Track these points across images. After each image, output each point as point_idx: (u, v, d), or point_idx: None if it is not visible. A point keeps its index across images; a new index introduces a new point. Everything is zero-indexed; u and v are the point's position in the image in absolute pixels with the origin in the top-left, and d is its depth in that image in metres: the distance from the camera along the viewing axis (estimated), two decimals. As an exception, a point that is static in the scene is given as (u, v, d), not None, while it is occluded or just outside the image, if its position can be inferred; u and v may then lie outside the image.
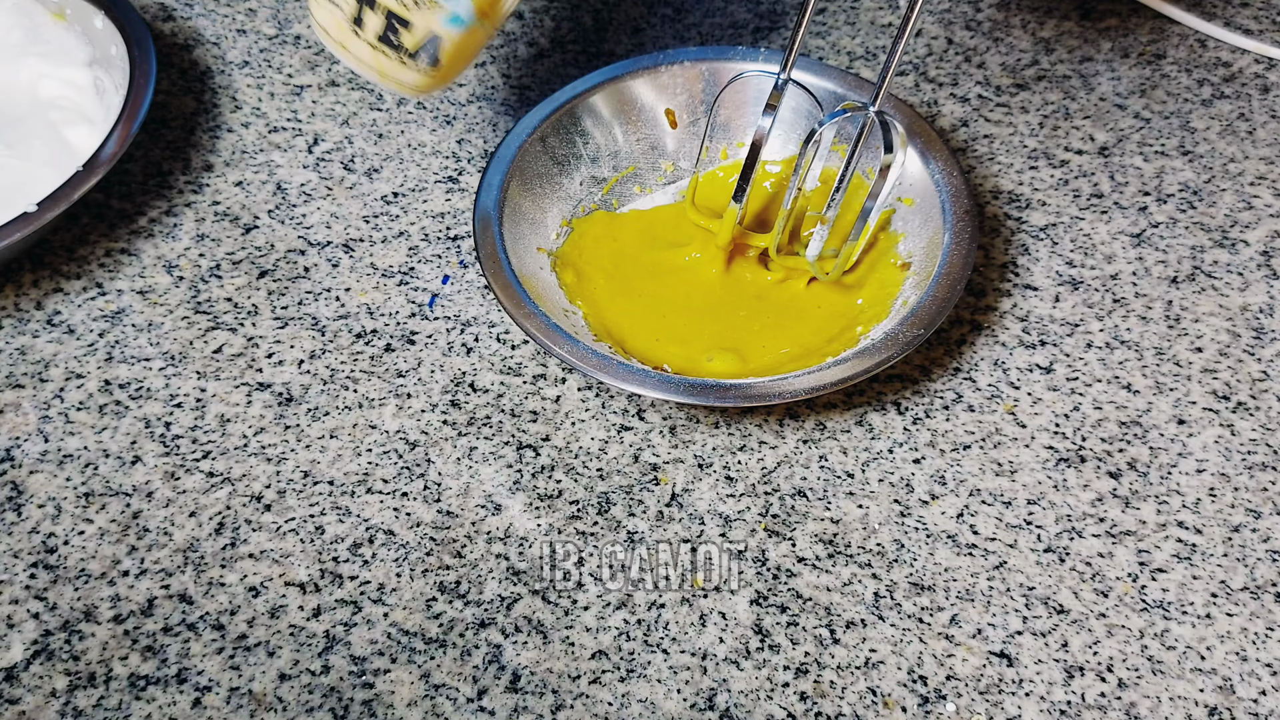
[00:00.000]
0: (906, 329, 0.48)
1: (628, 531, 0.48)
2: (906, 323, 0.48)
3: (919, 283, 0.51)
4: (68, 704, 0.43)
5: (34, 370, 0.52)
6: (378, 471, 0.49)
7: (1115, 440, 0.50)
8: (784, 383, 0.47)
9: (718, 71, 0.58)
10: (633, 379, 0.47)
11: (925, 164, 0.54)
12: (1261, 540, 0.47)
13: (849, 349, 0.49)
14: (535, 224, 0.55)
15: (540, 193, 0.55)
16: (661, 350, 0.52)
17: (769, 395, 0.46)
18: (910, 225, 0.54)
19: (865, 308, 0.53)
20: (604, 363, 0.47)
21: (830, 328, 0.53)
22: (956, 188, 0.53)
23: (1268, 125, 0.62)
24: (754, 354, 0.52)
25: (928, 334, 0.48)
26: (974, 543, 0.47)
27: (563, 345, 0.48)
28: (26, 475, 0.49)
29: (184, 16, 0.68)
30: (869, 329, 0.51)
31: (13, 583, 0.46)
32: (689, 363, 0.52)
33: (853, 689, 0.43)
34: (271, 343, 0.54)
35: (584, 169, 0.57)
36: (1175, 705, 0.43)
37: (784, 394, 0.46)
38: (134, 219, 0.58)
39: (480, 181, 0.53)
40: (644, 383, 0.47)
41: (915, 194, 0.54)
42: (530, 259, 0.53)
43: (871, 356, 0.47)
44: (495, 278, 0.50)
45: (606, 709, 0.43)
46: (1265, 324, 0.54)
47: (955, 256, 0.50)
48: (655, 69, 0.57)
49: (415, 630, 0.45)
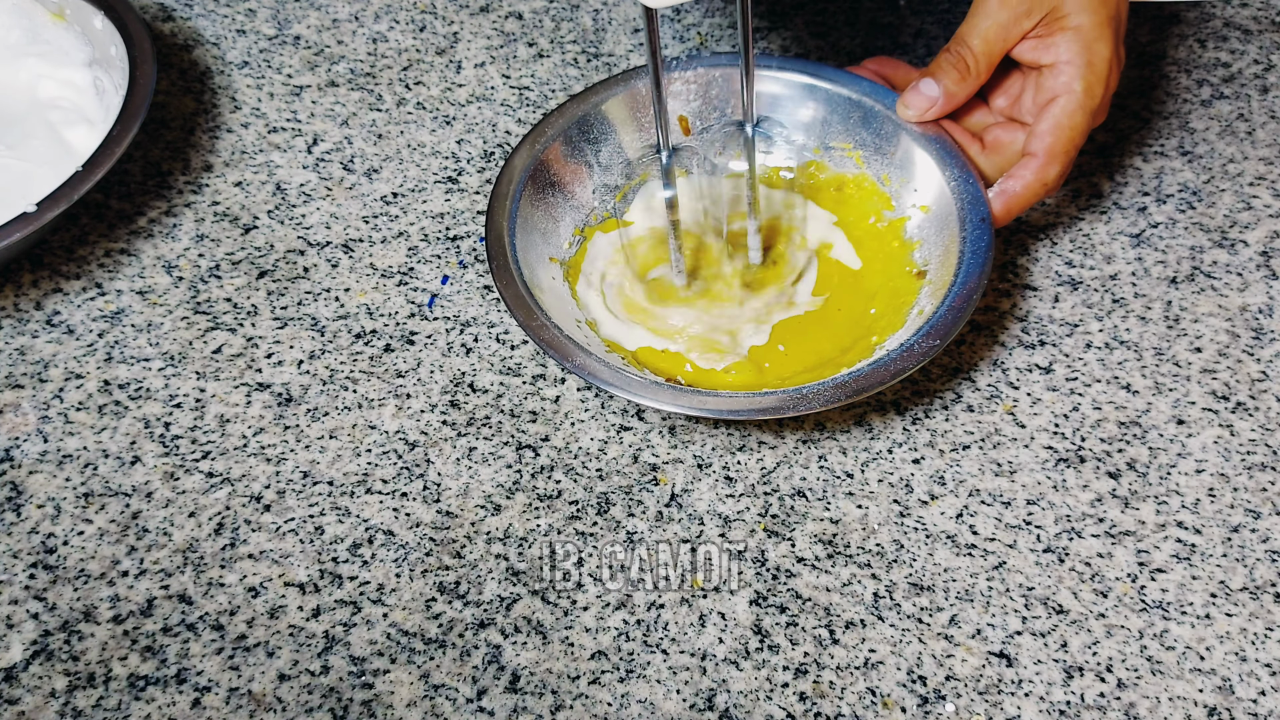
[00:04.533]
0: (923, 340, 0.47)
1: (627, 532, 0.48)
2: (923, 334, 0.48)
3: (934, 291, 0.51)
4: (67, 704, 0.43)
5: (33, 370, 0.52)
6: (377, 472, 0.49)
7: (1114, 440, 0.50)
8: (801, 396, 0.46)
9: (731, 77, 0.57)
10: (649, 393, 0.46)
11: (942, 170, 0.53)
12: (1261, 540, 0.47)
13: (864, 359, 0.49)
14: (546, 234, 0.54)
15: (552, 202, 0.55)
16: (673, 360, 0.52)
17: (788, 407, 0.46)
18: (926, 233, 0.54)
19: (878, 317, 0.52)
20: (621, 377, 0.47)
21: (845, 337, 0.52)
22: (974, 195, 0.52)
23: (1267, 126, 0.62)
24: (772, 363, 0.52)
25: (943, 345, 0.47)
26: (973, 543, 0.47)
27: (575, 357, 0.47)
28: (26, 475, 0.49)
29: (184, 17, 0.68)
30: (884, 338, 0.51)
31: (12, 583, 0.46)
32: (703, 375, 0.51)
33: (852, 689, 0.43)
34: (271, 343, 0.54)
35: (596, 176, 0.57)
36: (1174, 705, 0.43)
37: (803, 405, 0.46)
38: (133, 219, 0.58)
39: (493, 191, 0.53)
40: (658, 396, 0.46)
41: (931, 201, 0.54)
42: (542, 270, 0.53)
43: (888, 369, 0.47)
44: (507, 288, 0.50)
45: (606, 709, 0.43)
46: (1264, 324, 0.54)
47: (973, 266, 0.50)
48: (668, 76, 0.57)
49: (415, 630, 0.45)
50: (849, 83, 0.56)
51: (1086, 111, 0.51)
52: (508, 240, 0.51)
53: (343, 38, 0.67)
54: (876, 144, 0.56)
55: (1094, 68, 0.51)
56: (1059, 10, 0.50)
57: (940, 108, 0.53)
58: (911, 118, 0.54)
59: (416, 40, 0.66)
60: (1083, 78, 0.51)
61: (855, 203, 0.57)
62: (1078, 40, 0.51)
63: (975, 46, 0.52)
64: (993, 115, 0.55)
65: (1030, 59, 0.52)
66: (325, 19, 0.68)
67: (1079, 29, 0.50)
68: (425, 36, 0.67)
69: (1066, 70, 0.51)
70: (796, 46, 0.66)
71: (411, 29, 0.67)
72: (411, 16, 0.68)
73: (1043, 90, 0.52)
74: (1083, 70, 0.51)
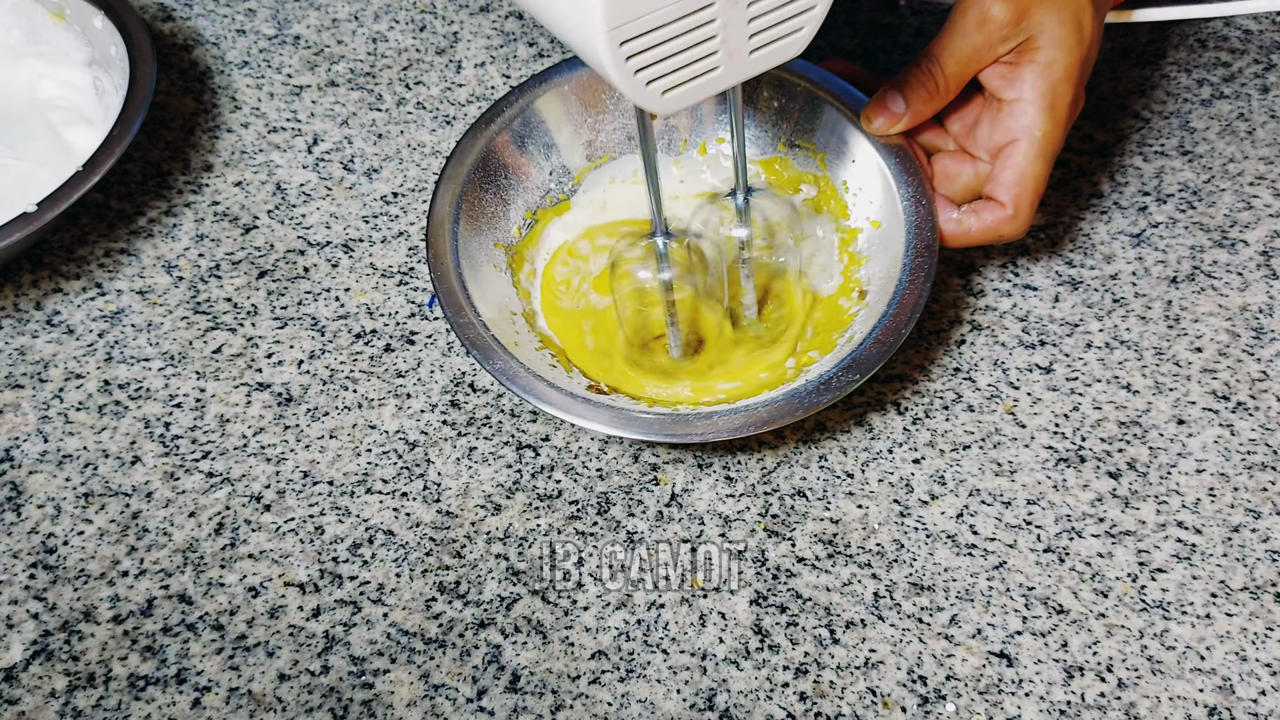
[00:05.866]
0: (842, 374, 0.46)
1: (627, 531, 0.48)
2: (843, 366, 0.46)
3: (869, 315, 0.49)
4: (67, 704, 0.43)
5: (33, 370, 0.52)
6: (377, 471, 0.49)
7: (1115, 440, 0.50)
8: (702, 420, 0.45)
9: None
10: (559, 403, 0.46)
11: (897, 188, 0.52)
12: (1261, 540, 0.47)
13: (784, 383, 0.48)
14: (494, 220, 0.53)
15: (504, 184, 0.54)
16: (601, 366, 0.51)
17: (685, 433, 0.45)
18: (874, 249, 0.53)
19: (812, 336, 0.51)
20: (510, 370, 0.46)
21: (772, 354, 0.51)
22: (921, 218, 0.50)
23: (1267, 125, 0.62)
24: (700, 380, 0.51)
25: (863, 380, 0.46)
26: (974, 543, 0.47)
27: (496, 360, 0.47)
28: (26, 475, 0.49)
29: (183, 17, 0.68)
30: (809, 361, 0.50)
31: (12, 583, 0.46)
32: (627, 379, 0.51)
33: (852, 689, 0.43)
34: (271, 343, 0.54)
35: (555, 158, 0.56)
36: (1175, 705, 0.43)
37: (695, 433, 0.45)
38: (133, 219, 0.58)
39: (441, 173, 0.52)
40: (569, 408, 0.46)
41: (882, 217, 0.53)
42: (484, 256, 0.52)
43: (801, 402, 0.46)
44: (441, 281, 0.49)
45: (606, 709, 0.43)
46: (1265, 324, 0.54)
47: (908, 296, 0.48)
48: None
49: (415, 630, 0.45)
50: (821, 80, 0.55)
51: (1046, 157, 0.50)
52: (448, 228, 0.51)
53: (343, 37, 0.67)
54: (839, 148, 0.55)
55: (1056, 111, 0.49)
56: (1033, 41, 0.49)
57: (905, 124, 0.52)
58: (875, 130, 0.53)
59: (416, 40, 0.66)
60: (1045, 122, 0.49)
61: (814, 205, 0.56)
62: (1045, 78, 0.49)
63: (947, 67, 0.50)
64: (946, 139, 0.54)
65: (994, 87, 0.50)
66: (325, 19, 0.68)
67: (1049, 65, 0.49)
68: (425, 36, 0.67)
69: (1029, 111, 0.49)
70: (796, 46, 0.66)
71: (411, 29, 0.67)
72: (411, 16, 0.68)
73: (1002, 128, 0.50)
74: (1045, 113, 0.49)
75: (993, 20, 0.49)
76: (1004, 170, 0.50)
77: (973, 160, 0.52)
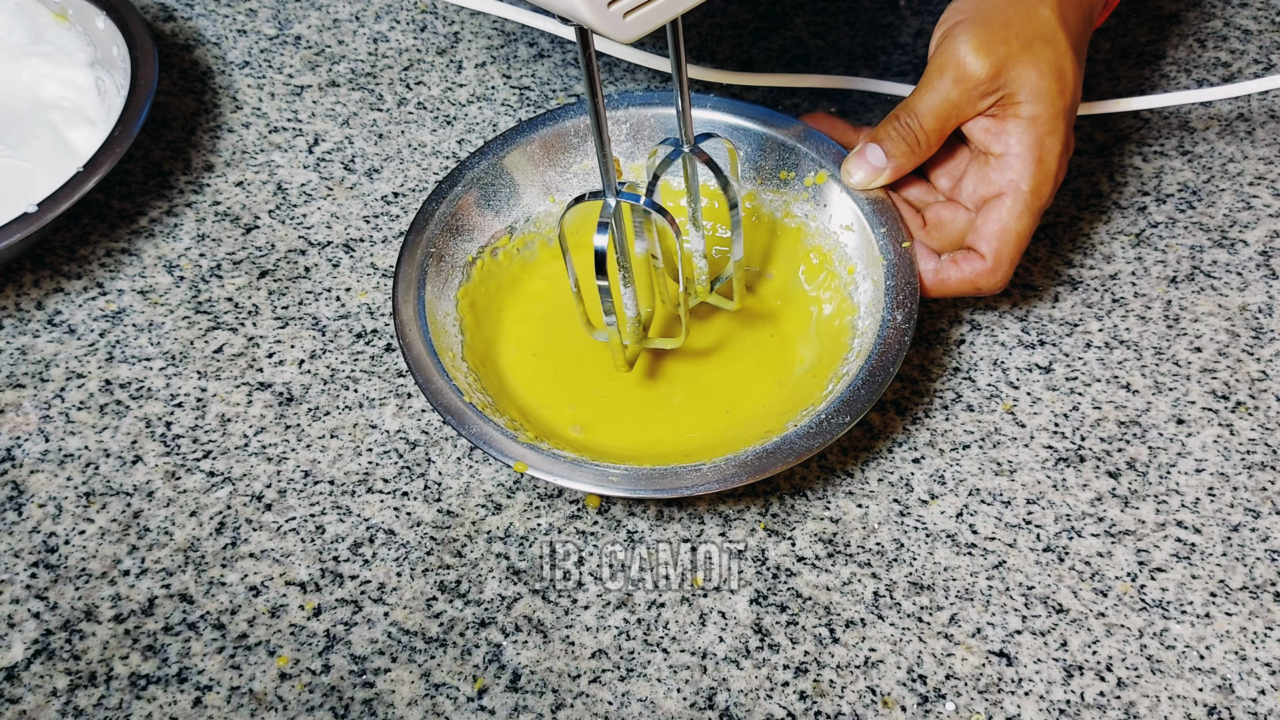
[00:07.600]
0: (833, 416, 0.45)
1: (627, 531, 0.48)
2: (833, 409, 0.46)
3: (862, 350, 0.48)
4: (68, 703, 0.43)
5: (35, 370, 0.52)
6: (378, 471, 0.49)
7: (1114, 440, 0.50)
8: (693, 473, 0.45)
9: (640, 119, 0.55)
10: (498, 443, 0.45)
11: (872, 231, 0.51)
12: (1260, 540, 0.47)
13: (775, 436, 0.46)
14: (453, 266, 0.52)
15: (465, 234, 0.53)
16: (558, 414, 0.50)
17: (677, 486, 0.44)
18: (863, 297, 0.51)
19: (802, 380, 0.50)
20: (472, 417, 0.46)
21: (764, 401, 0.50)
22: (901, 257, 0.50)
23: (1267, 125, 0.62)
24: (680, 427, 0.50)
25: (854, 423, 0.45)
26: (973, 542, 0.47)
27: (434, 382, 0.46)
28: (27, 475, 0.49)
29: (185, 17, 0.68)
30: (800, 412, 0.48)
31: (13, 582, 0.46)
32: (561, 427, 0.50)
33: (852, 688, 0.43)
34: (272, 342, 0.54)
35: (516, 212, 0.55)
36: (1174, 705, 0.43)
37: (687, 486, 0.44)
38: (135, 219, 0.58)
39: (411, 224, 0.52)
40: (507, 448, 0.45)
41: (854, 225, 0.52)
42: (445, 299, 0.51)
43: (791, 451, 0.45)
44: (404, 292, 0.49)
45: (606, 708, 0.43)
46: (1264, 324, 0.54)
47: (892, 338, 0.47)
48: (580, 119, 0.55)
49: (415, 629, 0.45)
50: (808, 137, 0.54)
51: (1033, 213, 0.48)
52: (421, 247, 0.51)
53: (343, 38, 0.67)
54: (823, 202, 0.53)
55: (1044, 165, 0.48)
56: (1014, 96, 0.48)
57: (886, 178, 0.51)
58: (856, 184, 0.52)
59: (417, 40, 0.67)
60: (1032, 176, 0.48)
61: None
62: (1031, 133, 0.48)
63: (926, 122, 0.49)
64: (934, 193, 0.53)
65: (980, 141, 0.49)
66: (326, 19, 0.68)
67: (1033, 119, 0.48)
68: (426, 36, 0.67)
69: (1015, 165, 0.48)
70: (797, 47, 0.66)
71: (412, 29, 0.67)
72: (412, 16, 0.68)
73: (987, 182, 0.49)
74: (1032, 168, 0.48)
75: (970, 77, 0.48)
76: (987, 222, 0.49)
77: (967, 210, 0.51)
